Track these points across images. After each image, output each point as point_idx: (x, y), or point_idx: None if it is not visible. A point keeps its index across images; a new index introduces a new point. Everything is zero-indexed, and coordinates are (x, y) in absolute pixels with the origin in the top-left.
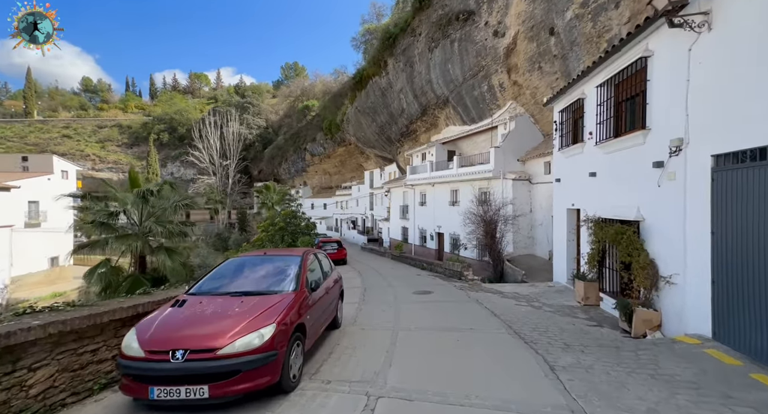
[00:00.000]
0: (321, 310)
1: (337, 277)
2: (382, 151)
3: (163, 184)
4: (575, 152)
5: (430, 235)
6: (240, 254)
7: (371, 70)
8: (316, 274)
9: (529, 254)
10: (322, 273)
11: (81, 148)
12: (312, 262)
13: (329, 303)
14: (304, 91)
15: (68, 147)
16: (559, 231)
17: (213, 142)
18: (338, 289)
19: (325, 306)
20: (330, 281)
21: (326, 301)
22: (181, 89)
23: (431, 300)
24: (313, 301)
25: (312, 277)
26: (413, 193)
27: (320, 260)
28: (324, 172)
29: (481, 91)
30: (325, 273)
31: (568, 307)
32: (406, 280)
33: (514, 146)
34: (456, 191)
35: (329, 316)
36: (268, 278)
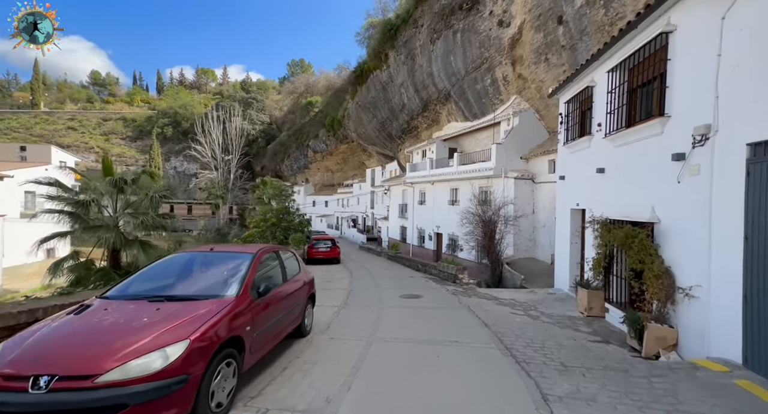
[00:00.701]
0: (276, 319)
1: (306, 278)
2: (383, 149)
3: (140, 173)
4: (581, 146)
5: (428, 235)
6: (188, 249)
7: (372, 64)
8: (271, 275)
9: (530, 258)
10: (284, 274)
11: (85, 141)
12: (267, 262)
13: (290, 309)
14: (308, 87)
15: (73, 139)
16: (562, 233)
17: (215, 136)
18: (306, 292)
19: (284, 313)
20: (295, 284)
21: (285, 307)
22: (187, 84)
23: (418, 305)
24: (262, 308)
25: (263, 280)
26: (413, 191)
27: (282, 260)
28: (326, 169)
29: (484, 84)
30: (288, 274)
31: (569, 317)
32: (398, 282)
33: (517, 143)
34: (456, 190)
35: (290, 323)
36: (205, 279)
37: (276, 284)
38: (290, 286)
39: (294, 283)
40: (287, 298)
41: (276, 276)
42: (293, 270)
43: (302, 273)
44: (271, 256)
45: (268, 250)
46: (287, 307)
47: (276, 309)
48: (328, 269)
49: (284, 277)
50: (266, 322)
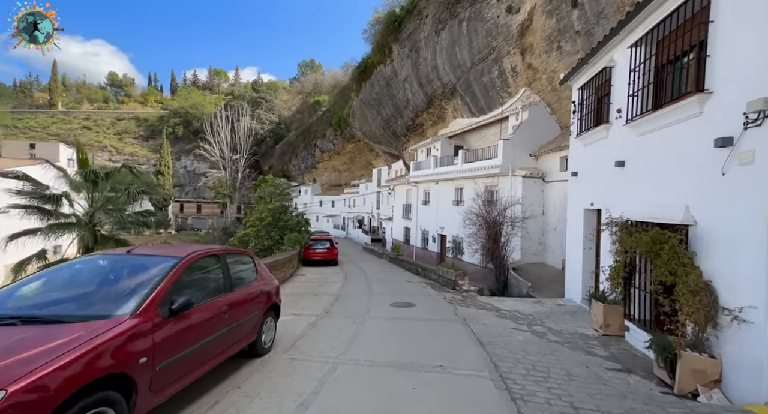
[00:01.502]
0: (207, 339)
1: (266, 287)
2: (389, 147)
3: (120, 167)
4: (597, 137)
5: (432, 236)
6: (102, 252)
7: (376, 59)
8: (205, 285)
9: (539, 263)
10: (228, 283)
11: (99, 140)
12: (198, 269)
13: (237, 324)
14: (316, 86)
15: (87, 138)
16: (574, 237)
17: (224, 136)
18: (264, 303)
19: (224, 330)
20: (245, 294)
21: (226, 323)
22: (200, 85)
23: (408, 316)
24: (180, 328)
25: (186, 292)
26: (416, 191)
27: (227, 265)
28: (333, 169)
29: (491, 76)
30: (235, 283)
31: (581, 336)
32: (392, 287)
33: (527, 139)
34: (461, 190)
35: (237, 342)
36: (98, 293)
37: (210, 296)
38: (237, 297)
39: (244, 293)
40: (231, 312)
41: (211, 286)
42: (246, 277)
43: (260, 281)
44: (207, 262)
45: (205, 254)
46: (229, 323)
47: (207, 327)
48: (323, 271)
49: (228, 286)
50: (186, 347)
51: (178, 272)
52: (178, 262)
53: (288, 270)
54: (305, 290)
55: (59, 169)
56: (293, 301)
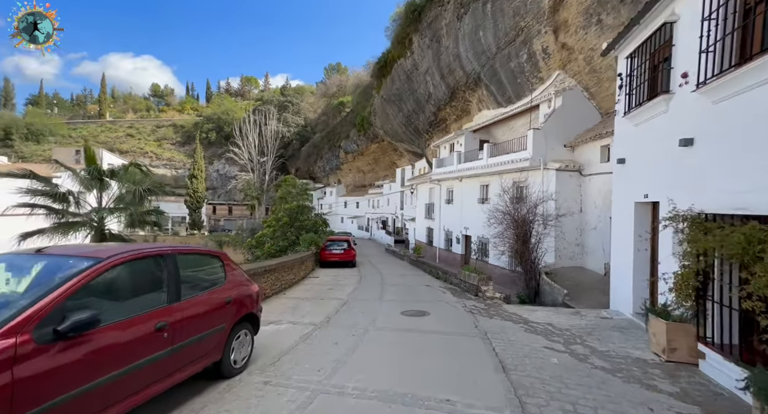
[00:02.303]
0: (118, 370)
1: (236, 296)
2: (411, 145)
3: (128, 165)
4: (654, 112)
5: (456, 237)
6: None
7: (396, 52)
8: (126, 297)
9: (577, 267)
10: (174, 291)
11: (141, 146)
12: (120, 275)
13: (182, 346)
14: (340, 87)
15: (131, 145)
16: (622, 236)
17: (252, 139)
18: (231, 314)
19: (156, 356)
20: (203, 304)
21: (163, 345)
22: (232, 92)
23: (418, 328)
24: (69, 359)
25: (94, 307)
26: (439, 189)
27: (174, 269)
28: (358, 169)
29: (519, 61)
30: (180, 292)
31: (636, 361)
32: (408, 292)
33: (560, 128)
34: (486, 187)
35: (181, 366)
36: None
37: (138, 310)
38: (187, 309)
39: (201, 302)
40: (176, 328)
41: (145, 296)
42: (207, 283)
43: (229, 287)
44: (141, 265)
45: (138, 256)
46: (173, 342)
47: (129, 351)
48: (338, 274)
49: (172, 295)
50: (84, 381)
51: (85, 280)
52: (91, 266)
53: (300, 272)
54: (313, 294)
55: (68, 169)
56: (296, 307)
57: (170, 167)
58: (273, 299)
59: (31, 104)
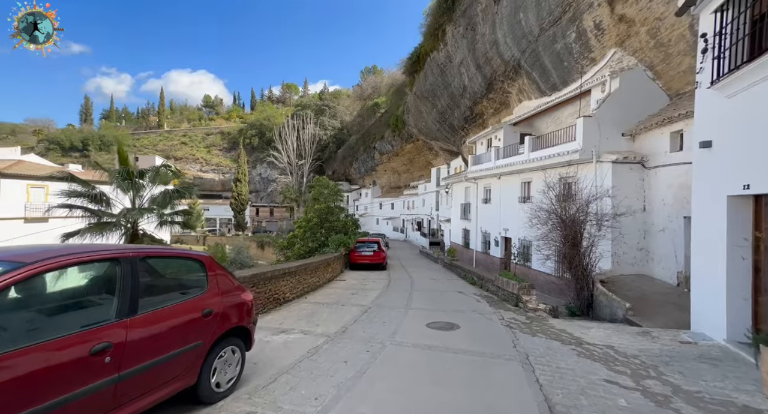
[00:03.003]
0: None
1: (218, 306)
2: (446, 143)
3: (159, 166)
4: (759, 75)
5: (494, 239)
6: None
7: (428, 46)
8: (54, 313)
9: (640, 274)
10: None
11: (193, 153)
12: (44, 286)
13: (137, 370)
14: (375, 88)
15: (184, 152)
16: (707, 240)
17: (291, 143)
18: (210, 329)
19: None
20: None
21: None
22: (274, 99)
23: (445, 345)
24: None
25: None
26: (476, 188)
27: (133, 276)
28: (393, 170)
29: (567, 41)
30: (136, 305)
31: (743, 411)
32: (437, 299)
33: (617, 115)
34: (528, 184)
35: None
36: None
37: (68, 329)
38: (143, 326)
39: (166, 316)
40: (127, 349)
41: (82, 310)
42: (180, 292)
43: (211, 295)
44: (85, 271)
45: (82, 260)
46: (120, 368)
47: (48, 381)
48: (366, 277)
49: (128, 307)
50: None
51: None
52: (1, 273)
53: (325, 274)
54: (335, 299)
55: (103, 169)
56: (313, 313)
57: (218, 172)
58: (293, 304)
59: (104, 118)
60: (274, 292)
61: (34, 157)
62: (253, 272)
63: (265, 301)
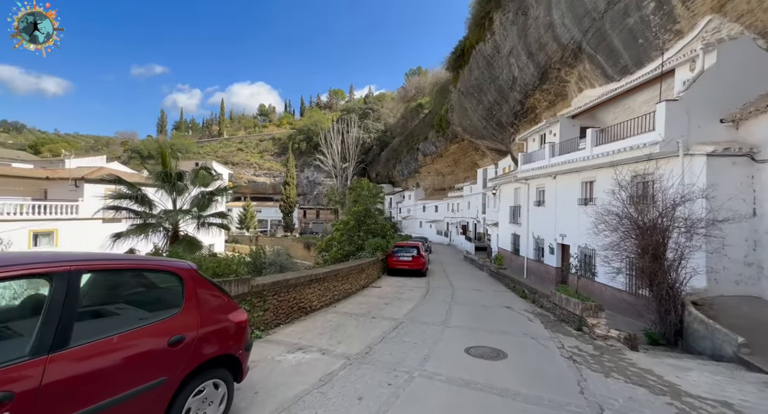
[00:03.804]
0: None
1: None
2: (494, 142)
3: (199, 169)
4: None
5: (549, 246)
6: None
7: (474, 37)
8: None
9: (749, 296)
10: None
11: (247, 158)
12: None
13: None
14: (418, 89)
15: (240, 158)
16: None
17: (335, 146)
18: (182, 360)
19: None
20: (121, 346)
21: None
22: (322, 105)
23: (487, 382)
24: None
25: None
26: (527, 189)
27: (69, 296)
28: (437, 172)
29: (643, 14)
30: (67, 334)
31: None
32: (482, 315)
33: (713, 96)
34: (590, 184)
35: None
36: None
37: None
38: (73, 363)
39: (114, 347)
40: (31, 398)
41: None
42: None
43: (182, 319)
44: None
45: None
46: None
47: None
48: (404, 284)
49: (55, 339)
50: None
51: None
52: None
53: (358, 280)
54: (366, 309)
55: (147, 169)
56: (338, 326)
57: (269, 176)
58: (319, 314)
59: (175, 129)
60: (299, 300)
61: (116, 165)
62: (274, 279)
63: (288, 311)
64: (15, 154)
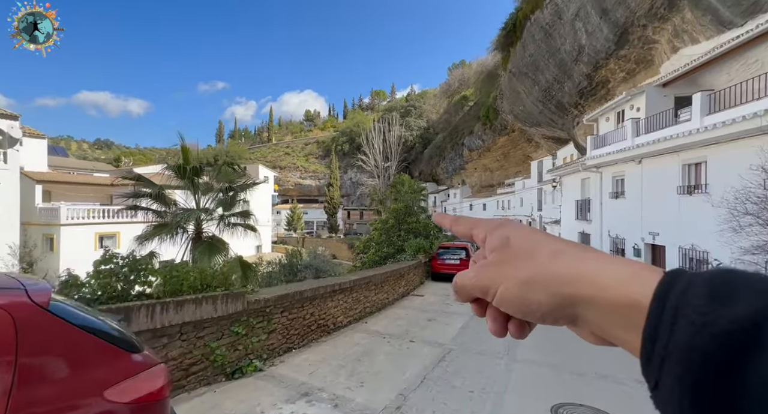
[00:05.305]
0: None
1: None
2: (551, 129)
3: (221, 165)
4: None
5: (633, 247)
6: None
7: (527, 7)
8: None
9: None
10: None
11: (294, 162)
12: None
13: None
14: (462, 81)
15: (287, 161)
16: None
17: (377, 146)
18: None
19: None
20: None
21: None
22: (364, 107)
23: None
24: None
25: None
26: (599, 178)
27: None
28: (484, 168)
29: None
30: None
31: None
32: (558, 342)
33: None
34: (697, 166)
35: None
36: None
37: None
38: None
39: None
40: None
41: None
42: None
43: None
44: None
45: None
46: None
47: None
48: (450, 292)
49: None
50: None
51: None
52: None
53: (397, 288)
54: (404, 328)
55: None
56: (365, 354)
57: (314, 178)
58: (344, 333)
59: (230, 138)
60: (318, 316)
61: None
62: (283, 292)
63: (303, 331)
64: (92, 165)
